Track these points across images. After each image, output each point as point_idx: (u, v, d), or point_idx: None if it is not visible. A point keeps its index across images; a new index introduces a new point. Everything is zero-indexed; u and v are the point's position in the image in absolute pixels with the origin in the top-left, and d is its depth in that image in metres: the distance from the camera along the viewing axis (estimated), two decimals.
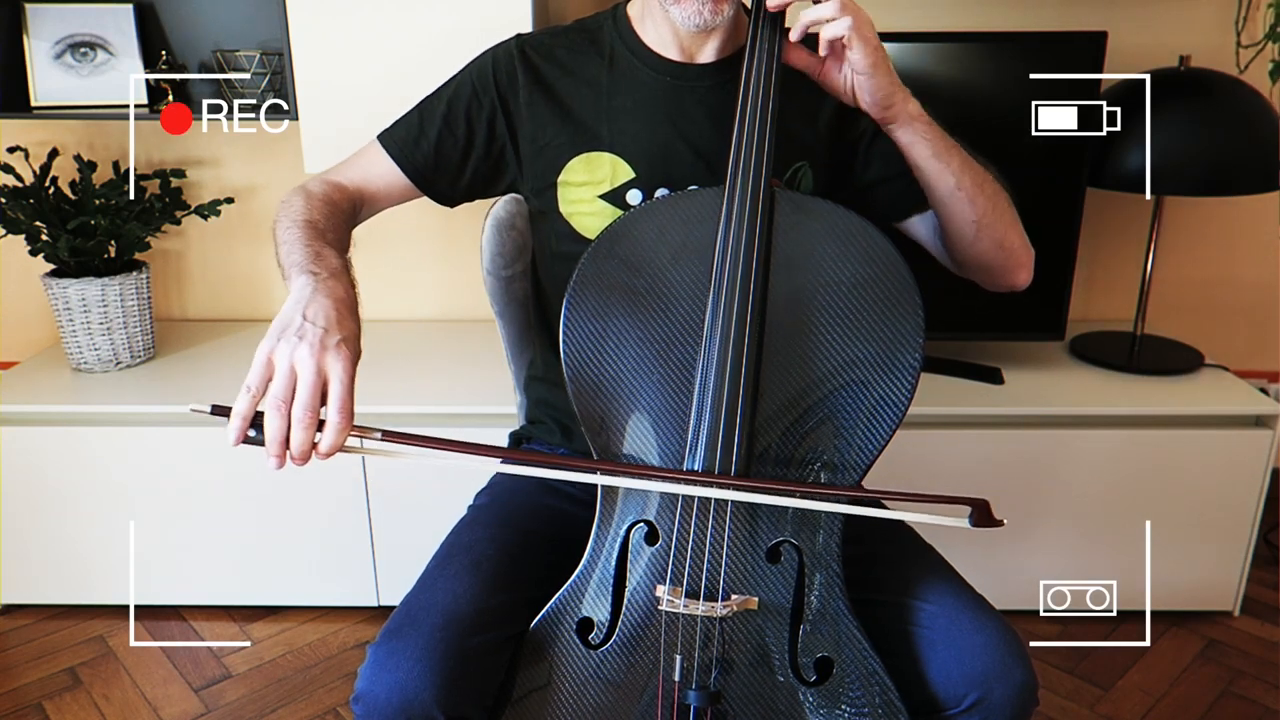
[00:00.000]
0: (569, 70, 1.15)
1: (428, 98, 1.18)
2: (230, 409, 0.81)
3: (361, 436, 0.84)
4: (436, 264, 2.18)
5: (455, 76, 1.18)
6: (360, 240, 1.11)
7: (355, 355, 0.85)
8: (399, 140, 1.17)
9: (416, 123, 1.17)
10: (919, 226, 1.18)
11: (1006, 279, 1.15)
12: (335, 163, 1.20)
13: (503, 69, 1.15)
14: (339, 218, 1.08)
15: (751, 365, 0.94)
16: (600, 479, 0.95)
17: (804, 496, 0.93)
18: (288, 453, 0.81)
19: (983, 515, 0.89)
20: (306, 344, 0.82)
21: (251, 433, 0.81)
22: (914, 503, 0.91)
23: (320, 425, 0.81)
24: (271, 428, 0.80)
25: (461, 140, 1.16)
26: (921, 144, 1.05)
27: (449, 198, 1.20)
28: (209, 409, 0.82)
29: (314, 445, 0.81)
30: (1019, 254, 1.13)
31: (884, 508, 0.96)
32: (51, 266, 1.93)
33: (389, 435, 0.85)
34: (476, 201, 1.24)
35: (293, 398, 0.80)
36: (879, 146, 1.14)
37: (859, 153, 1.16)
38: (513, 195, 1.30)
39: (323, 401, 0.81)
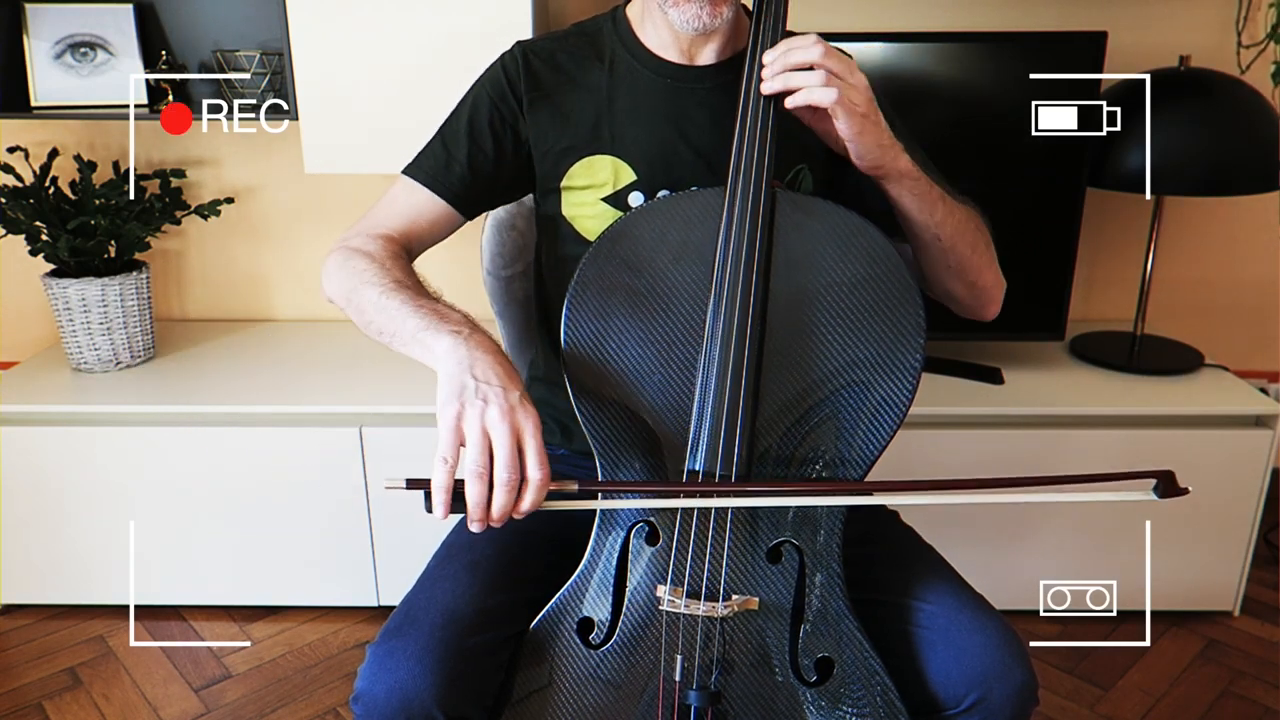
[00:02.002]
0: (570, 75, 1.14)
1: (446, 123, 1.15)
2: (426, 481, 0.81)
3: (558, 489, 0.85)
4: (436, 264, 2.17)
5: (467, 95, 1.16)
6: None
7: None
8: (428, 170, 1.13)
9: (441, 149, 1.14)
10: None
11: (974, 313, 1.16)
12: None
13: (513, 75, 1.13)
14: (413, 271, 1.06)
15: (752, 368, 0.94)
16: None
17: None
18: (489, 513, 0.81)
19: (1169, 486, 0.88)
20: (495, 407, 0.82)
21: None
22: (1092, 483, 0.87)
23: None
24: (475, 495, 0.80)
25: (491, 153, 1.13)
26: (908, 197, 1.04)
27: (479, 211, 1.18)
28: (404, 484, 0.82)
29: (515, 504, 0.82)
30: (990, 293, 1.13)
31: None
32: (51, 266, 1.94)
33: (585, 486, 0.87)
34: None
35: (491, 463, 0.81)
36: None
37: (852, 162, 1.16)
38: None
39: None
